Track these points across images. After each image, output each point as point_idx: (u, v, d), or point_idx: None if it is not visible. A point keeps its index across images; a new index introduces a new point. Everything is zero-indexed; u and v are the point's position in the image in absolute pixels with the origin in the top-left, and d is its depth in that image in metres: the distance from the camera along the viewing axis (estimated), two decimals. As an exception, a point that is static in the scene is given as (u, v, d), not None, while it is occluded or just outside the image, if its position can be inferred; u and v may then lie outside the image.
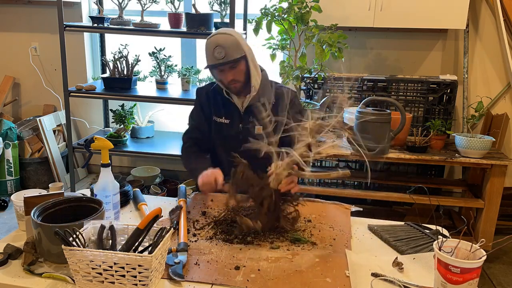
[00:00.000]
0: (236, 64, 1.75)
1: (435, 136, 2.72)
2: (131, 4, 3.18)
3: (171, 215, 1.56)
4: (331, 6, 2.91)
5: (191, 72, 3.36)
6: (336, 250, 1.38)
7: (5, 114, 3.77)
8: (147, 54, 3.39)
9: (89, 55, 3.77)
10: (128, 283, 1.12)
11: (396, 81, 3.07)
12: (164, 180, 3.59)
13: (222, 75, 1.79)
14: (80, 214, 1.31)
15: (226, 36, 1.73)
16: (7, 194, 3.48)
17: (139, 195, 1.72)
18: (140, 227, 1.18)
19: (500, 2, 3.02)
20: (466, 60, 3.15)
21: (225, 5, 3.07)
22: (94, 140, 1.49)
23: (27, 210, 1.36)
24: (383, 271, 1.26)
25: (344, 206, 1.72)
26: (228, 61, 1.72)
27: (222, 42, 1.71)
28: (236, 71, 1.77)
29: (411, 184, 2.99)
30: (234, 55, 1.72)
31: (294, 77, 2.84)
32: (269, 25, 2.87)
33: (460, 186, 3.09)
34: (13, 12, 3.75)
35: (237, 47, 1.73)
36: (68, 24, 3.05)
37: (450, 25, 2.95)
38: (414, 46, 3.32)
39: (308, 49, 3.03)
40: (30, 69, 3.81)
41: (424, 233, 1.52)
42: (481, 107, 2.68)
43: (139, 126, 3.51)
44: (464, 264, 1.06)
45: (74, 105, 3.65)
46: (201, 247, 1.37)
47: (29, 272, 1.22)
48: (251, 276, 1.22)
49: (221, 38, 1.73)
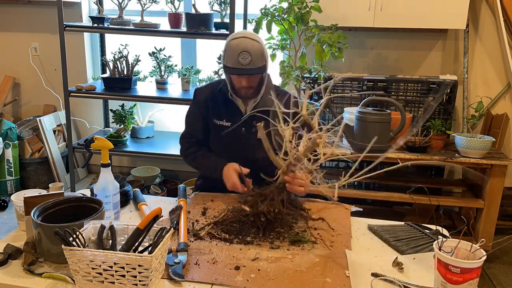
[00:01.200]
0: (259, 72, 1.73)
1: (435, 136, 2.72)
2: (131, 4, 3.18)
3: (171, 215, 1.56)
4: (331, 6, 2.91)
5: (191, 72, 3.36)
6: (336, 250, 1.38)
7: (5, 114, 3.78)
8: (147, 54, 3.39)
9: (89, 55, 3.78)
10: (128, 283, 1.12)
11: (396, 81, 3.07)
12: (164, 180, 3.59)
13: (237, 79, 1.76)
14: (80, 214, 1.31)
15: (253, 43, 1.70)
16: (7, 194, 3.48)
17: (139, 195, 1.72)
18: (140, 227, 1.18)
19: (500, 2, 3.02)
20: (466, 60, 3.15)
21: (225, 5, 3.06)
22: (94, 140, 1.49)
23: (27, 210, 1.36)
24: (383, 271, 1.26)
25: (344, 206, 1.72)
26: (252, 69, 1.69)
27: (250, 48, 1.68)
28: (253, 79, 1.75)
29: (411, 184, 2.99)
30: (258, 63, 1.70)
31: (294, 77, 2.84)
32: (269, 25, 2.87)
33: (460, 186, 3.09)
34: (13, 12, 3.75)
35: (262, 56, 1.71)
36: (68, 24, 3.05)
37: (450, 25, 2.95)
38: (414, 46, 3.32)
39: (308, 49, 3.03)
40: (30, 69, 3.81)
41: (424, 233, 1.52)
42: (481, 107, 2.68)
43: (139, 126, 3.51)
44: (464, 264, 1.06)
45: (74, 105, 3.65)
46: (201, 247, 1.37)
47: (29, 272, 1.22)
48: (251, 276, 1.22)
49: (249, 44, 1.69)
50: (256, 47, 1.69)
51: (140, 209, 1.64)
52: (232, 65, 1.70)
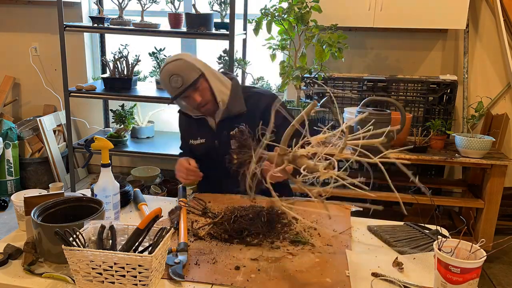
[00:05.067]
0: (197, 84, 1.69)
1: (435, 136, 2.72)
2: (131, 4, 3.18)
3: (171, 215, 1.56)
4: (331, 6, 2.91)
5: (191, 72, 3.36)
6: (336, 250, 1.38)
7: (5, 114, 3.78)
8: (147, 54, 3.39)
9: (89, 55, 3.78)
10: (128, 283, 1.12)
11: (396, 81, 3.07)
12: (164, 180, 3.59)
13: (188, 101, 1.74)
14: (80, 214, 1.31)
15: (176, 63, 1.69)
16: (7, 194, 3.48)
17: (139, 195, 1.72)
18: (140, 227, 1.18)
19: (500, 2, 3.02)
20: (466, 60, 3.15)
21: (225, 5, 3.06)
22: (94, 140, 1.49)
23: (27, 210, 1.36)
24: (383, 271, 1.26)
25: (344, 206, 1.72)
26: (188, 85, 1.67)
27: (175, 70, 1.67)
28: (200, 92, 1.71)
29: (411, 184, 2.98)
30: (191, 77, 1.67)
31: (294, 77, 2.84)
32: (269, 25, 2.87)
33: (460, 186, 3.09)
34: (13, 12, 3.75)
35: (192, 69, 1.69)
36: (68, 24, 3.05)
37: (450, 25, 2.95)
38: (414, 46, 3.32)
39: (308, 49, 3.03)
40: (30, 69, 3.81)
41: (424, 233, 1.52)
42: (481, 107, 2.68)
43: (139, 126, 3.51)
44: (464, 264, 1.06)
45: (74, 105, 3.65)
46: (201, 247, 1.37)
47: (29, 272, 1.22)
48: (251, 276, 1.22)
49: (171, 66, 1.68)
50: (179, 66, 1.68)
51: (140, 209, 1.64)
52: (172, 94, 1.71)
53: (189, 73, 1.68)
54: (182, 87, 1.67)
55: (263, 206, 1.65)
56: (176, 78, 1.66)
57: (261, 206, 1.65)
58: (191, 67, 1.69)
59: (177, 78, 1.66)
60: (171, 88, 1.69)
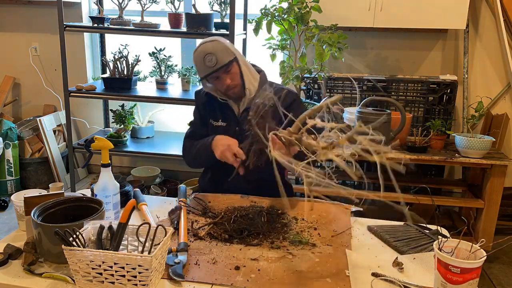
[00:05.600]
0: (229, 67, 1.74)
1: (435, 136, 2.72)
2: (131, 4, 3.18)
3: (171, 215, 1.56)
4: (331, 6, 2.91)
5: (191, 72, 3.36)
6: (336, 250, 1.38)
7: (5, 114, 3.78)
8: (147, 54, 3.39)
9: (89, 55, 3.78)
10: (128, 283, 1.12)
11: (396, 81, 3.07)
12: (164, 180, 3.59)
13: (218, 82, 1.77)
14: (80, 214, 1.31)
15: (213, 43, 1.73)
16: (7, 194, 3.48)
17: (139, 195, 1.72)
18: (122, 221, 1.19)
19: (500, 2, 3.02)
20: (466, 60, 3.15)
21: (225, 5, 3.07)
22: (94, 140, 1.49)
23: (27, 210, 1.36)
24: (383, 271, 1.26)
25: (344, 206, 1.72)
26: (222, 66, 1.71)
27: (211, 49, 1.71)
28: (231, 75, 1.75)
29: (411, 184, 2.99)
30: (225, 59, 1.71)
31: (294, 77, 2.84)
32: (269, 25, 2.87)
33: (460, 186, 3.09)
34: (13, 12, 3.75)
35: (226, 51, 1.73)
36: (68, 24, 3.05)
37: (450, 25, 2.95)
38: (414, 46, 3.32)
39: (308, 49, 3.03)
40: (30, 69, 3.81)
41: (424, 233, 1.52)
42: (481, 107, 2.68)
43: (139, 126, 3.51)
44: (464, 264, 1.06)
45: (74, 105, 3.66)
46: (201, 247, 1.37)
47: (29, 272, 1.22)
48: (251, 276, 1.22)
49: (209, 45, 1.72)
50: (217, 46, 1.72)
51: (140, 209, 1.64)
52: (204, 72, 1.74)
53: (223, 54, 1.72)
54: (216, 66, 1.70)
55: (263, 206, 1.65)
56: (211, 57, 1.70)
57: (261, 206, 1.65)
58: (226, 49, 1.73)
59: (212, 57, 1.70)
60: (204, 67, 1.72)
